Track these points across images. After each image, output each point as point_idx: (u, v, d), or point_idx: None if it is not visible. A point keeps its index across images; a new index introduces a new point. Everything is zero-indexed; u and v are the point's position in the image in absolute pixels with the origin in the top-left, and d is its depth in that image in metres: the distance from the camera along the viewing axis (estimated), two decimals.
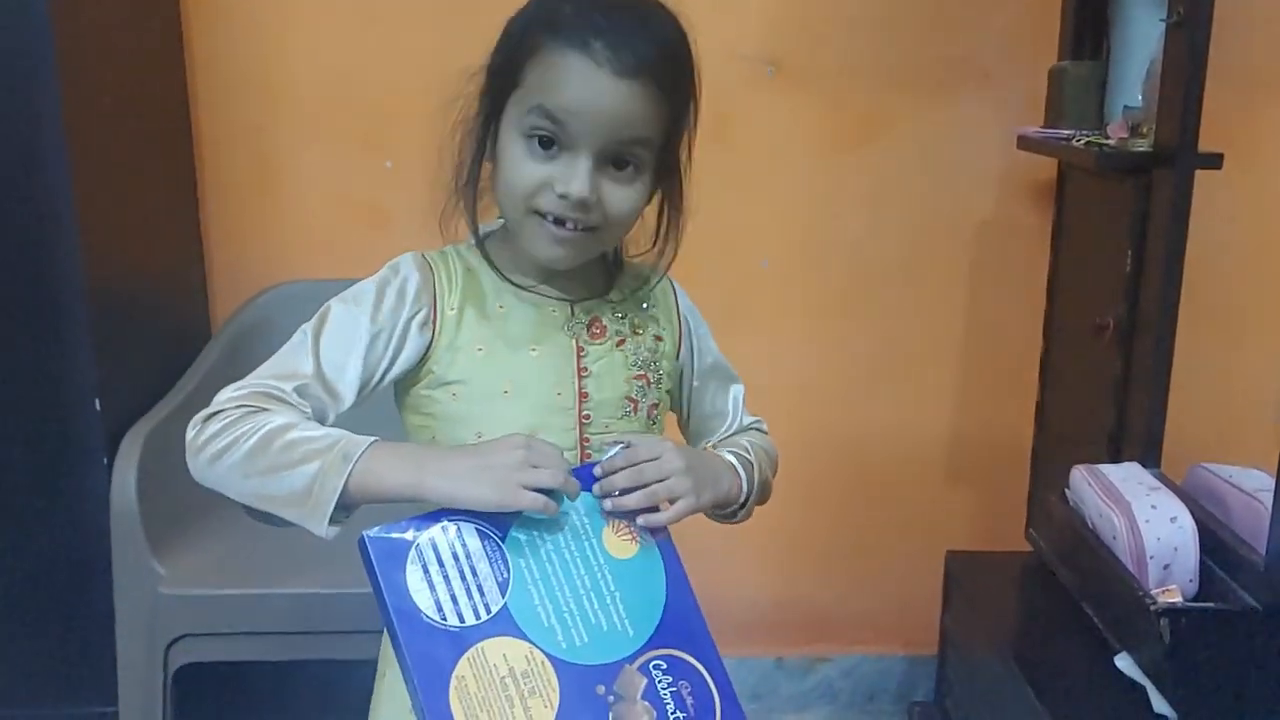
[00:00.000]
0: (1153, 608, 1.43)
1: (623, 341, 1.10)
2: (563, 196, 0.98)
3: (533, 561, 0.95)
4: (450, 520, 0.94)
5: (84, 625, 1.84)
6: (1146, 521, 1.53)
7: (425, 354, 1.05)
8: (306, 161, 2.10)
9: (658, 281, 1.14)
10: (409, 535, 0.93)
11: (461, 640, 0.91)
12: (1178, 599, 1.46)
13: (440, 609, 0.91)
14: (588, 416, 1.07)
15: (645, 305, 1.13)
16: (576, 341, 1.08)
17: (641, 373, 1.10)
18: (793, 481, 1.45)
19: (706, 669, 0.99)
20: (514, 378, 1.05)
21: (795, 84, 2.08)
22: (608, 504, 0.99)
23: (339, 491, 0.93)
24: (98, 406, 1.77)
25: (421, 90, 1.05)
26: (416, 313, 1.04)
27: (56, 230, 1.72)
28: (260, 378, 1.01)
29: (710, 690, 0.99)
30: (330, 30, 2.03)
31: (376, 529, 0.92)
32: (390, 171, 2.07)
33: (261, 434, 0.95)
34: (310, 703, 2.24)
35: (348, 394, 1.02)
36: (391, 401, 1.12)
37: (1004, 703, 1.70)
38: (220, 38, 2.06)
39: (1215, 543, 1.52)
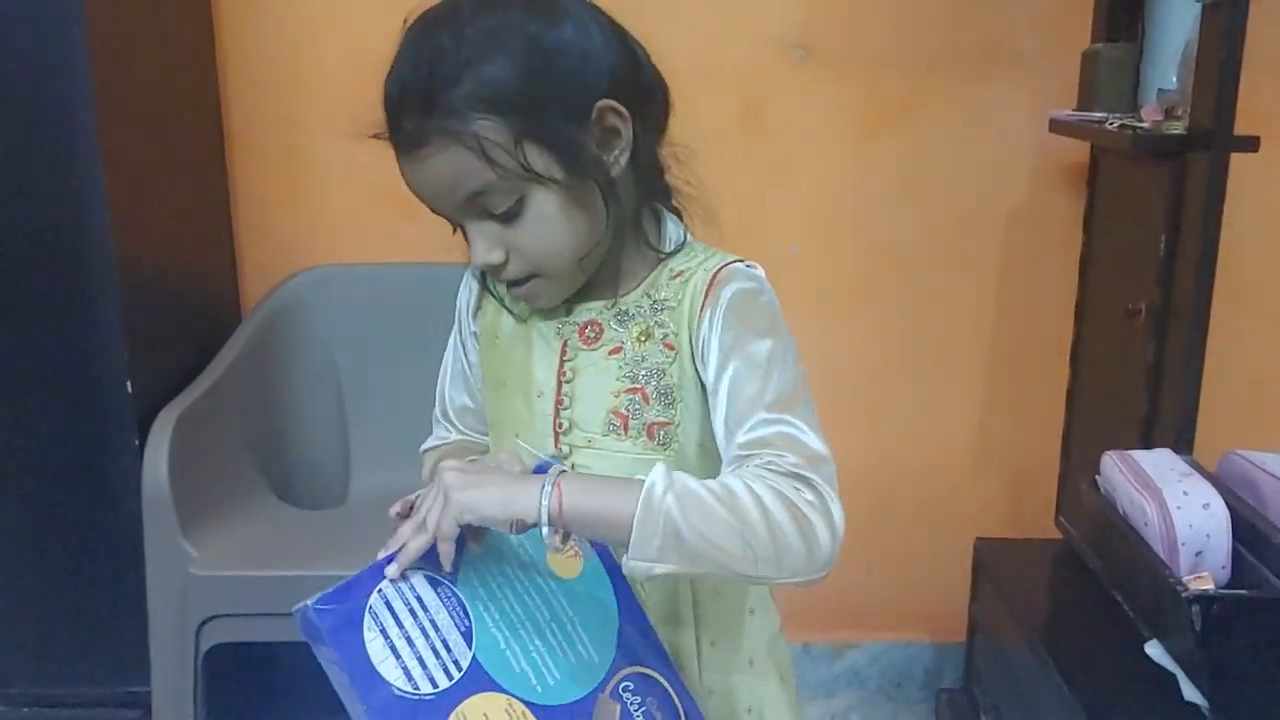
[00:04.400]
0: (1184, 595, 1.41)
1: (618, 350, 0.99)
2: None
3: (490, 603, 0.88)
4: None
5: (116, 606, 1.86)
6: (1178, 508, 1.51)
7: None
8: (334, 148, 2.11)
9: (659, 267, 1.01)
10: (358, 597, 0.83)
11: (438, 708, 0.83)
12: (1209, 586, 1.45)
13: (410, 678, 0.82)
14: (563, 425, 1.00)
15: (660, 308, 0.99)
16: (564, 342, 1.01)
17: (635, 386, 0.98)
18: None
19: (666, 680, 0.94)
20: (510, 371, 1.05)
21: (826, 68, 2.07)
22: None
23: None
24: (129, 389, 1.79)
25: None
26: (477, 310, 1.10)
27: (90, 218, 1.73)
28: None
29: (674, 701, 0.94)
30: (358, 17, 2.03)
31: (315, 598, 0.82)
32: None
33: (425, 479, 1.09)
34: None
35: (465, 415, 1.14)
36: None
37: (1033, 690, 1.69)
38: (250, 28, 2.08)
39: (1248, 530, 1.50)
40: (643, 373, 0.98)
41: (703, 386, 0.98)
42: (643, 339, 0.99)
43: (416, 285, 2.09)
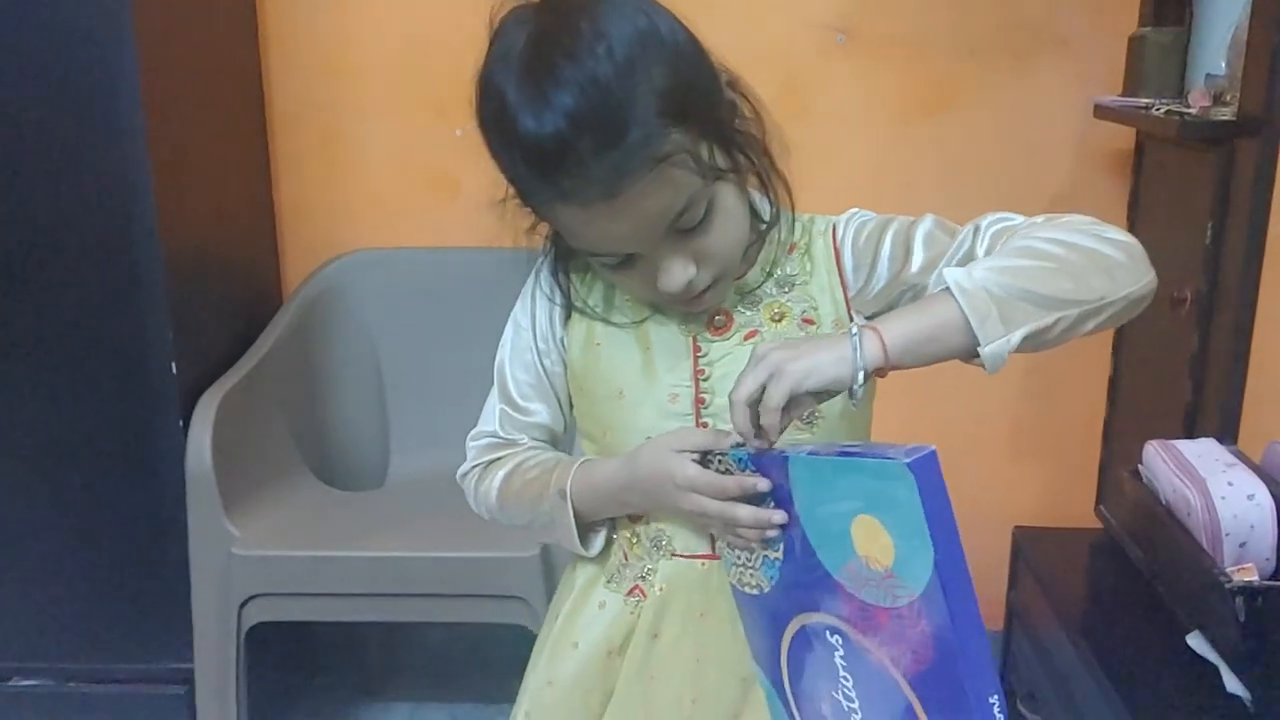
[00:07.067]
0: (1228, 586, 1.40)
1: (753, 334, 0.96)
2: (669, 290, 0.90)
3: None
4: None
5: (160, 584, 1.89)
6: (1222, 498, 1.50)
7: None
8: (376, 131, 2.12)
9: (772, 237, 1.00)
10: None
11: None
12: (1254, 577, 1.43)
13: None
14: (708, 424, 0.95)
15: (788, 284, 0.99)
16: (694, 339, 0.96)
17: None
18: None
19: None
20: (626, 379, 0.97)
21: (867, 51, 2.05)
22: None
23: (573, 526, 0.97)
24: (174, 370, 1.81)
25: None
26: (566, 320, 1.02)
27: (135, 201, 1.75)
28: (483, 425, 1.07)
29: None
30: (400, 1, 2.04)
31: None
32: (460, 139, 2.08)
33: (497, 490, 1.03)
34: (378, 663, 2.28)
35: (536, 429, 1.06)
36: None
37: (1072, 680, 1.68)
38: (292, 12, 2.09)
39: None
40: None
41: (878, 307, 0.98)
42: (777, 319, 0.97)
43: (456, 269, 2.10)
